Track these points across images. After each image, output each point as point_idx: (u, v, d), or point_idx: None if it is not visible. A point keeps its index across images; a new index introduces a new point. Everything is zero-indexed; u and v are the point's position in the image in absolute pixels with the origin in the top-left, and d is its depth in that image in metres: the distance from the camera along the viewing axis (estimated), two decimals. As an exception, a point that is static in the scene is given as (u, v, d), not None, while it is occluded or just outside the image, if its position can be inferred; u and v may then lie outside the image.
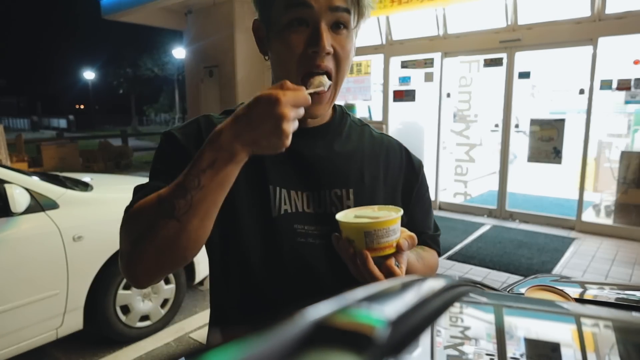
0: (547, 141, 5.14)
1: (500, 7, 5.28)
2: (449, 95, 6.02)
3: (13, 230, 2.15)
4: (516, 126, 5.87)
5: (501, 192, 5.61)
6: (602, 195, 5.55)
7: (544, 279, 1.28)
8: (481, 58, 5.64)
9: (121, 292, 2.60)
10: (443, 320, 0.44)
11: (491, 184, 6.38)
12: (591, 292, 1.21)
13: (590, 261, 4.06)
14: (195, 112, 9.23)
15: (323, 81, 0.70)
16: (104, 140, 11.38)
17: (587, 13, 4.75)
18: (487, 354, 0.43)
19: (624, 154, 5.10)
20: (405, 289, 0.42)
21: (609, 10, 4.64)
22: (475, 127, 6.07)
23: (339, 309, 0.29)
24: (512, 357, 0.43)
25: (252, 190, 0.76)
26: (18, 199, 2.14)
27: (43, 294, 2.23)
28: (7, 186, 2.14)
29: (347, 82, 6.73)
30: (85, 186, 2.81)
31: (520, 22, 5.22)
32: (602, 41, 4.69)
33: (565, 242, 4.59)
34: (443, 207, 6.09)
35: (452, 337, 0.45)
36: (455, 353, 0.43)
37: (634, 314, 0.97)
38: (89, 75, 43.06)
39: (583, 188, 5.01)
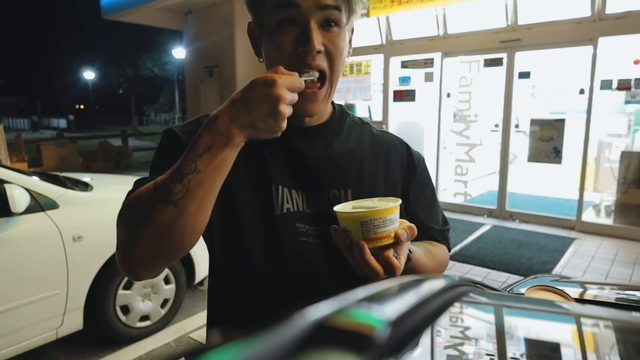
0: (547, 141, 5.14)
1: (500, 7, 5.28)
2: (449, 95, 6.02)
3: (13, 230, 2.15)
4: (516, 126, 5.87)
5: (501, 192, 5.61)
6: (602, 195, 5.55)
7: (544, 279, 1.28)
8: (481, 58, 5.64)
9: (121, 292, 2.60)
10: (443, 320, 0.44)
11: (491, 184, 6.38)
12: (591, 292, 1.21)
13: (590, 261, 4.06)
14: (195, 112, 9.23)
15: (312, 73, 0.70)
16: (104, 140, 11.38)
17: (587, 13, 4.75)
18: (487, 354, 0.43)
19: (624, 154, 5.10)
20: (405, 289, 0.42)
21: (609, 10, 4.64)
22: (475, 127, 6.07)
23: (339, 309, 0.29)
24: (512, 357, 0.43)
25: (254, 189, 0.76)
26: (18, 199, 2.14)
27: (43, 294, 2.23)
28: (7, 186, 2.14)
29: (347, 82, 6.77)
30: (85, 186, 2.81)
31: (520, 22, 5.22)
32: (602, 41, 4.69)
33: (565, 242, 4.59)
34: (443, 207, 6.05)
35: (452, 337, 0.45)
36: (455, 353, 0.43)
37: (634, 314, 0.97)
38: (89, 75, 43.06)
39: (583, 188, 5.01)
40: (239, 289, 0.78)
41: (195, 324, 2.96)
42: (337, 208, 0.64)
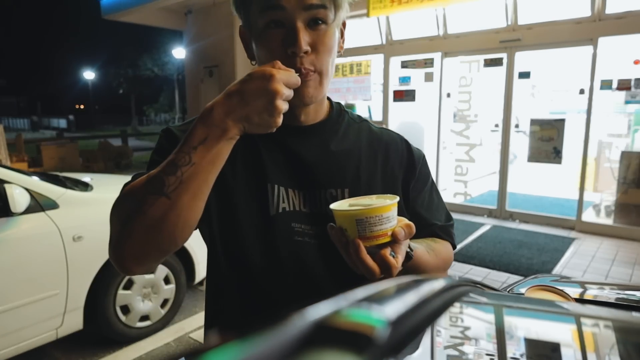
0: (547, 141, 5.14)
1: (500, 7, 5.28)
2: (449, 95, 6.02)
3: (13, 230, 2.15)
4: (516, 126, 5.87)
5: (501, 192, 5.61)
6: (602, 195, 5.55)
7: (544, 279, 1.28)
8: (481, 58, 5.64)
9: (121, 292, 2.60)
10: (443, 320, 0.44)
11: (491, 184, 6.38)
12: (591, 292, 1.20)
13: (590, 261, 4.06)
14: (195, 112, 9.22)
15: None
16: (103, 140, 11.38)
17: (587, 13, 4.75)
18: (487, 354, 0.43)
19: (624, 154, 5.10)
20: (405, 288, 0.42)
21: (609, 10, 4.64)
22: (475, 127, 6.07)
23: (338, 309, 0.29)
24: (512, 357, 0.43)
25: (250, 188, 0.76)
26: (18, 199, 2.14)
27: (43, 294, 2.23)
28: (7, 186, 2.14)
29: (347, 82, 6.77)
30: (85, 186, 2.81)
31: (520, 22, 5.22)
32: (602, 41, 4.69)
33: (565, 242, 4.59)
34: (443, 207, 6.07)
35: (452, 337, 0.45)
36: (455, 353, 0.43)
37: (634, 314, 0.96)
38: (88, 75, 43.07)
39: (583, 188, 5.01)
40: (236, 288, 0.77)
41: (195, 324, 2.95)
42: (333, 205, 0.63)
